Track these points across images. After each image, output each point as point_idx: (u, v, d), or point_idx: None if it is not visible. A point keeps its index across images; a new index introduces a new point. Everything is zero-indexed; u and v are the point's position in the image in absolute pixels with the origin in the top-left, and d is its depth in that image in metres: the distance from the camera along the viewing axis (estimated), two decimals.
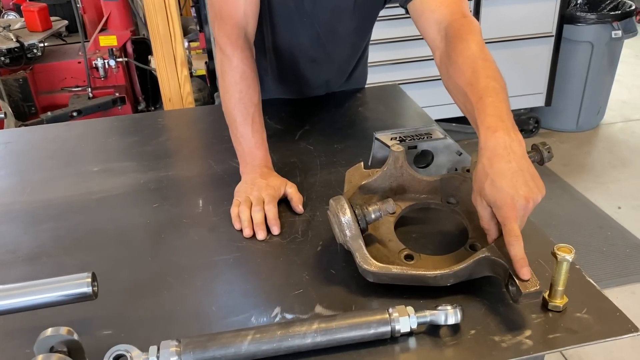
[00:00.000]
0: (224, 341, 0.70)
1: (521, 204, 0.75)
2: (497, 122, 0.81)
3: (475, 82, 0.87)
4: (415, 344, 0.73)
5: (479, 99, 0.85)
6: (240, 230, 0.96)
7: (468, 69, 0.90)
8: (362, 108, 1.46)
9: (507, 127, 0.80)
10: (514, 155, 0.78)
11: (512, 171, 0.76)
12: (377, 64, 2.81)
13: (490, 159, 0.78)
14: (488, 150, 0.79)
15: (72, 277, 0.74)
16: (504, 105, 0.84)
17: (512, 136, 0.79)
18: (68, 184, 1.15)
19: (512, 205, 0.75)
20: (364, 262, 0.79)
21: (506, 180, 0.76)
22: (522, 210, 0.76)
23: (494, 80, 0.87)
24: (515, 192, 0.75)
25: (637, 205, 2.73)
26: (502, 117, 0.81)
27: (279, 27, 1.27)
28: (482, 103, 0.84)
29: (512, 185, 0.76)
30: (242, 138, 1.08)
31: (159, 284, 0.85)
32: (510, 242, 0.74)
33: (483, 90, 0.85)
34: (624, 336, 0.72)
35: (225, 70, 1.10)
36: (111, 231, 0.99)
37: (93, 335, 0.76)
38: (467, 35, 0.95)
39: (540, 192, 0.77)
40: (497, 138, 0.79)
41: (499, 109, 0.82)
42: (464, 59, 0.92)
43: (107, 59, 3.04)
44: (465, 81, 0.89)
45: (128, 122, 1.47)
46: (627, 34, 3.17)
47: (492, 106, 0.83)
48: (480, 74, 0.88)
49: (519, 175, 0.76)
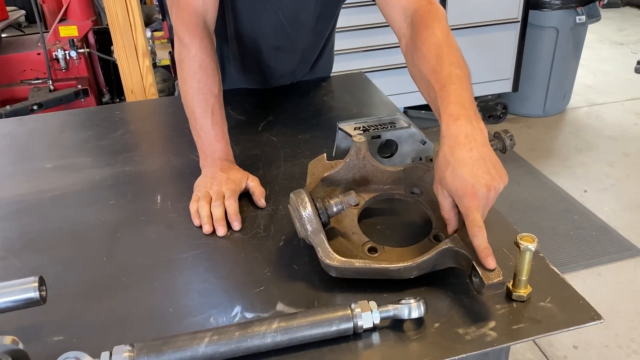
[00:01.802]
0: (180, 344, 0.67)
1: (483, 192, 0.74)
2: (459, 110, 0.79)
3: (439, 69, 0.86)
4: (379, 339, 0.71)
5: (442, 86, 0.83)
6: (199, 227, 0.93)
7: (432, 56, 0.88)
8: (327, 97, 1.43)
9: (469, 115, 0.79)
10: (475, 143, 0.76)
11: (474, 159, 0.75)
12: (343, 51, 2.78)
13: (452, 147, 0.77)
14: (449, 138, 0.77)
15: (18, 282, 0.70)
16: (467, 93, 0.82)
17: (474, 124, 0.78)
18: (19, 182, 1.10)
19: (473, 194, 0.74)
20: (326, 256, 0.77)
21: (467, 168, 0.75)
22: (484, 199, 0.74)
23: (458, 68, 0.85)
24: (476, 180, 0.74)
25: (603, 188, 2.78)
26: (464, 105, 0.80)
27: (241, 15, 1.23)
28: (445, 91, 0.82)
29: (474, 174, 0.74)
30: (202, 130, 1.04)
31: (114, 286, 0.82)
32: (474, 232, 0.73)
33: (446, 77, 0.84)
34: (588, 324, 0.72)
35: (183, 60, 1.06)
36: (64, 231, 0.95)
37: (42, 342, 0.72)
38: (432, 22, 0.93)
39: (502, 180, 0.75)
40: (458, 126, 0.77)
41: (462, 97, 0.81)
42: (428, 46, 0.90)
43: (68, 50, 2.94)
44: (429, 69, 0.87)
45: (83, 116, 1.42)
46: (591, 19, 3.21)
47: (454, 94, 0.81)
48: (444, 61, 0.86)
49: (480, 164, 0.75)
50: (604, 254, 2.33)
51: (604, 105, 3.65)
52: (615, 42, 4.74)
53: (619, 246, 2.37)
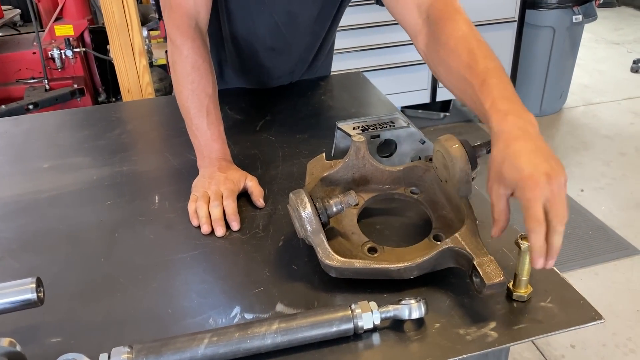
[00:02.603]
0: (179, 346, 0.66)
1: (543, 181, 0.68)
2: (507, 105, 0.76)
3: (474, 64, 0.82)
4: (379, 339, 0.71)
5: (482, 81, 0.79)
6: (198, 227, 0.93)
7: (463, 50, 0.84)
8: (325, 97, 1.43)
9: (517, 110, 0.75)
10: (529, 135, 0.73)
11: (530, 149, 0.71)
12: (340, 51, 2.77)
13: (506, 142, 0.72)
14: (503, 134, 0.73)
15: (15, 283, 0.69)
16: (509, 86, 0.79)
17: (525, 117, 0.74)
18: (16, 182, 1.09)
19: (534, 184, 0.68)
20: (326, 257, 0.76)
21: (524, 158, 0.70)
22: (545, 189, 0.68)
23: (492, 61, 0.82)
24: (535, 169, 0.69)
25: (599, 187, 2.79)
26: (510, 99, 0.77)
27: (235, 16, 1.23)
28: (487, 86, 0.78)
29: (532, 163, 0.69)
30: (198, 130, 1.04)
31: (112, 286, 0.81)
32: (532, 228, 0.68)
33: (484, 72, 0.80)
34: (588, 324, 0.72)
35: (176, 62, 1.05)
36: (61, 231, 0.94)
37: (40, 344, 0.72)
38: (454, 15, 0.90)
39: (562, 171, 0.70)
40: (509, 121, 0.74)
41: (506, 91, 0.78)
42: (456, 40, 0.86)
43: (64, 49, 2.93)
44: (461, 64, 0.83)
45: (80, 116, 1.41)
46: (587, 18, 3.22)
47: (497, 88, 0.78)
48: (478, 55, 0.83)
49: (538, 153, 0.71)
50: (601, 253, 2.33)
51: (600, 105, 3.66)
52: (611, 42, 4.75)
53: (615, 245, 2.37)
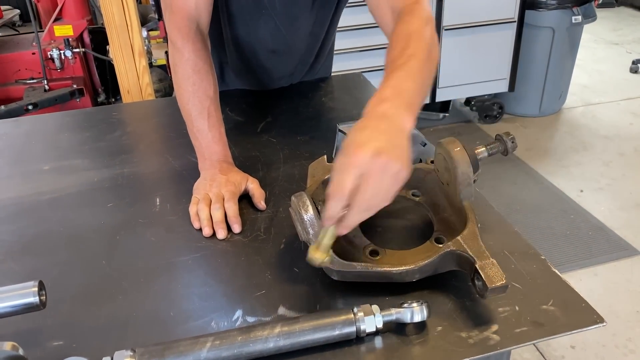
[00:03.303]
0: (181, 349, 0.66)
1: (367, 154, 0.63)
2: (391, 93, 0.71)
3: (397, 59, 0.78)
4: (382, 343, 0.71)
5: (390, 72, 0.76)
6: (199, 230, 0.93)
7: (397, 46, 0.81)
8: (326, 98, 1.43)
9: (399, 102, 0.70)
10: (389, 122, 0.67)
11: (378, 129, 0.66)
12: (341, 51, 2.78)
13: (364, 120, 0.68)
14: (367, 114, 0.69)
15: (17, 286, 0.69)
16: (411, 84, 0.74)
17: (400, 111, 0.69)
18: (15, 184, 1.09)
19: (355, 152, 0.64)
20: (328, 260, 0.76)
21: (364, 132, 0.66)
22: (366, 161, 0.63)
23: (416, 59, 0.77)
24: (366, 141, 0.64)
25: (599, 188, 2.79)
26: (400, 92, 0.72)
27: (236, 19, 1.23)
28: (389, 76, 0.74)
29: (368, 135, 0.65)
30: (199, 133, 1.04)
31: (114, 290, 0.81)
32: (330, 193, 0.66)
33: (399, 66, 0.76)
34: (590, 327, 0.72)
35: (177, 64, 1.05)
36: (62, 234, 0.94)
37: (42, 347, 0.71)
38: (410, 16, 0.88)
39: (400, 160, 0.65)
40: (380, 107, 0.69)
41: (402, 85, 0.73)
42: (396, 36, 0.85)
43: (63, 50, 2.92)
44: (389, 59, 0.80)
45: (80, 117, 1.40)
46: (587, 19, 3.22)
47: (396, 79, 0.74)
48: (405, 52, 0.79)
49: (382, 134, 0.66)
50: (601, 254, 2.33)
51: (600, 105, 3.67)
52: (611, 42, 4.76)
53: (615, 246, 2.38)
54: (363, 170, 0.64)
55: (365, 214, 0.68)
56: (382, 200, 0.67)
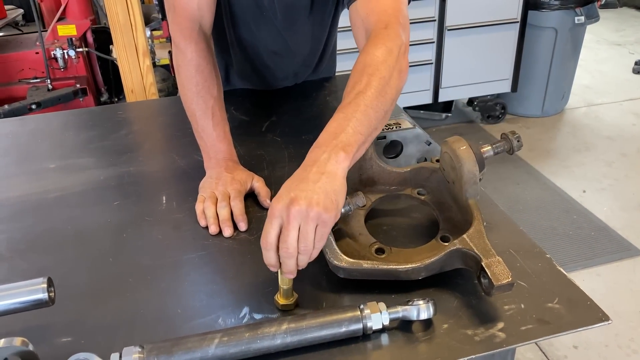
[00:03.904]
0: (189, 345, 0.67)
1: (284, 203, 0.68)
2: (327, 138, 0.74)
3: (346, 95, 0.80)
4: (388, 340, 0.71)
5: (336, 112, 0.78)
6: (205, 228, 0.93)
7: (350, 81, 0.82)
8: (330, 97, 1.43)
9: (333, 145, 0.73)
10: (317, 169, 0.71)
11: (301, 178, 0.71)
12: (344, 51, 2.77)
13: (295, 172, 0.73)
14: (303, 164, 0.74)
15: (27, 283, 0.70)
16: (350, 123, 0.75)
17: (332, 153, 0.72)
18: (22, 183, 1.09)
19: (274, 203, 0.69)
20: (334, 258, 0.77)
21: (287, 183, 0.71)
22: (281, 210, 0.68)
23: (362, 96, 0.78)
24: (286, 192, 0.69)
25: (601, 188, 2.79)
26: (336, 134, 0.74)
27: (238, 21, 1.24)
28: (331, 119, 0.78)
29: (288, 186, 0.70)
30: (204, 132, 1.04)
31: (121, 287, 0.82)
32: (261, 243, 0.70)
33: (344, 105, 0.78)
34: (596, 325, 0.72)
35: (180, 65, 1.06)
36: (69, 232, 0.95)
37: (51, 343, 0.72)
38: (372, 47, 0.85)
39: (320, 206, 0.68)
40: (313, 152, 0.74)
41: (339, 126, 0.75)
42: (354, 70, 0.84)
43: (67, 49, 2.93)
44: (344, 95, 0.82)
45: (86, 116, 1.41)
46: (590, 19, 3.22)
47: (334, 123, 0.76)
48: (355, 88, 0.80)
49: (304, 183, 0.70)
50: (603, 254, 2.33)
51: (602, 106, 3.67)
52: (613, 43, 4.76)
53: (617, 246, 2.38)
54: (281, 220, 0.69)
55: (301, 257, 0.70)
56: (310, 242, 0.69)
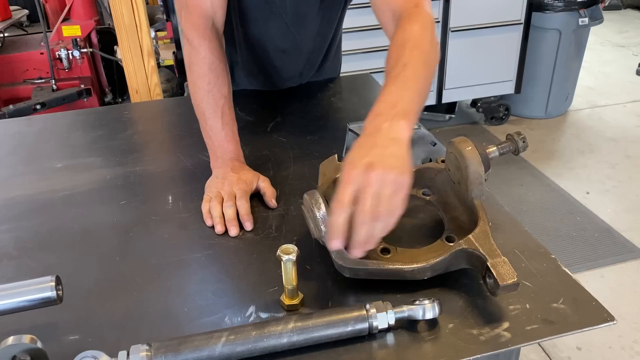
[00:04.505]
0: (196, 344, 0.67)
1: (359, 169, 0.68)
2: (384, 107, 0.76)
3: (391, 69, 0.82)
4: (394, 339, 0.71)
5: (384, 86, 0.80)
6: (211, 227, 0.94)
7: (392, 56, 0.85)
8: (335, 98, 1.44)
9: (394, 113, 0.74)
10: (383, 136, 0.72)
11: (370, 144, 0.71)
12: (349, 52, 2.78)
13: (359, 140, 0.74)
14: (364, 131, 0.74)
15: (35, 281, 0.70)
16: (406, 93, 0.78)
17: (394, 122, 0.73)
18: (30, 182, 1.10)
19: (348, 170, 0.69)
20: (340, 257, 0.77)
21: (358, 150, 0.71)
22: (359, 177, 0.68)
23: (411, 68, 0.81)
24: (359, 158, 0.69)
25: (605, 190, 2.79)
26: (394, 103, 0.76)
27: (248, 18, 1.24)
28: (383, 90, 0.79)
29: (359, 153, 0.70)
30: (212, 131, 1.05)
31: (128, 285, 0.82)
32: (333, 208, 0.70)
33: (392, 78, 0.80)
34: (601, 325, 0.72)
35: (193, 62, 1.06)
36: (76, 231, 0.95)
37: (59, 341, 0.72)
38: (407, 23, 0.90)
39: (395, 169, 0.68)
40: (374, 122, 0.74)
41: (396, 96, 0.77)
42: (393, 45, 0.87)
43: (71, 50, 2.94)
44: (386, 69, 0.84)
45: (92, 116, 1.42)
46: (594, 21, 3.22)
47: (389, 94, 0.78)
48: (399, 62, 0.82)
49: (373, 148, 0.70)
50: (607, 256, 2.33)
51: (606, 107, 3.66)
52: (617, 44, 4.75)
53: (621, 248, 2.38)
54: (358, 186, 0.68)
55: (378, 225, 0.70)
56: (388, 208, 0.69)
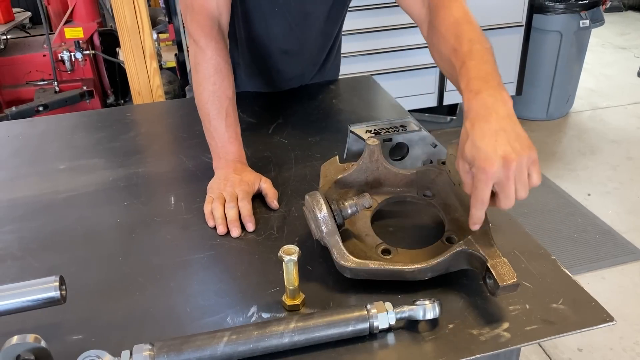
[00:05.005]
0: (199, 343, 0.68)
1: (498, 164, 0.70)
2: (479, 84, 0.78)
3: (459, 47, 0.85)
4: (394, 339, 0.72)
5: (462, 64, 0.82)
6: (213, 228, 0.94)
7: (451, 35, 0.88)
8: (336, 100, 1.44)
9: (491, 87, 0.77)
10: (496, 115, 0.74)
11: (493, 130, 0.72)
12: (350, 54, 2.79)
13: (472, 121, 0.75)
14: (470, 112, 0.76)
15: (39, 281, 0.71)
16: (488, 66, 0.81)
17: (497, 96, 0.76)
18: (33, 183, 1.11)
19: (486, 167, 0.71)
20: (341, 258, 0.78)
21: (486, 139, 0.72)
22: (499, 172, 0.71)
23: (478, 43, 0.85)
24: (493, 151, 0.71)
25: (606, 192, 2.79)
26: (485, 78, 0.78)
27: (251, 18, 1.25)
28: (465, 67, 0.81)
29: (491, 145, 0.71)
30: (216, 132, 1.05)
31: (131, 285, 0.83)
32: (474, 204, 0.74)
33: (466, 54, 0.83)
34: (600, 326, 0.73)
35: (199, 63, 1.07)
36: (79, 231, 0.96)
37: (62, 341, 0.73)
38: (449, 2, 0.94)
39: (525, 151, 0.72)
40: (478, 100, 0.76)
41: (482, 71, 0.80)
42: (446, 25, 0.90)
43: (74, 52, 2.96)
44: (449, 48, 0.87)
45: (95, 118, 1.42)
46: (595, 23, 3.23)
47: (474, 69, 0.80)
48: (463, 38, 0.86)
49: (500, 135, 0.72)
50: (608, 257, 2.33)
51: (607, 109, 3.67)
52: (618, 46, 4.76)
53: (622, 249, 2.38)
54: (497, 179, 0.72)
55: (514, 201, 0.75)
56: (526, 187, 0.74)
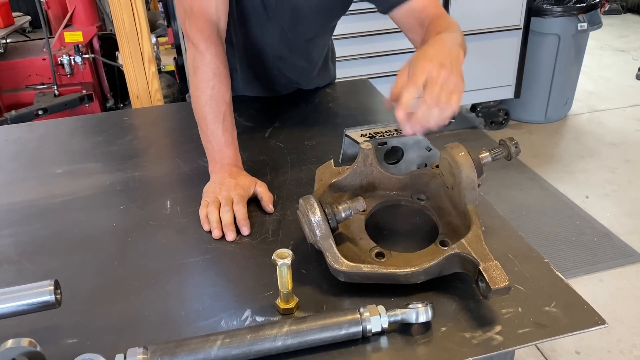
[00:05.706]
0: (192, 347, 0.68)
1: (434, 65, 0.82)
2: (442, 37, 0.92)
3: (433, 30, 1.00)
4: (387, 343, 0.72)
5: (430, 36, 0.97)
6: (209, 232, 0.95)
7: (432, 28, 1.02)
8: (333, 104, 1.45)
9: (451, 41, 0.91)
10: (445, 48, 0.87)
11: (443, 54, 0.85)
12: (346, 58, 2.80)
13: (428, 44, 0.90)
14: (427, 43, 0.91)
15: (34, 285, 0.71)
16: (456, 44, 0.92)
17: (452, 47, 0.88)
18: (30, 187, 1.12)
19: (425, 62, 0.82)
20: (335, 261, 0.78)
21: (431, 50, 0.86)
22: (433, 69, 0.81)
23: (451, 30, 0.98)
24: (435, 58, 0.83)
25: (604, 194, 2.80)
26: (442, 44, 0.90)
27: (246, 24, 1.26)
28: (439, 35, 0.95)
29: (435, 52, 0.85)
30: (212, 136, 1.06)
31: (126, 289, 0.83)
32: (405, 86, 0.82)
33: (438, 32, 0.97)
34: (592, 329, 0.73)
35: (198, 67, 1.08)
36: (75, 235, 0.96)
37: (57, 344, 0.74)
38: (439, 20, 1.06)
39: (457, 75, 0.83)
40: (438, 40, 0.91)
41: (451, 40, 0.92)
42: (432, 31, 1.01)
43: (73, 56, 2.96)
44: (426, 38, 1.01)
45: (93, 122, 1.43)
46: (592, 26, 3.23)
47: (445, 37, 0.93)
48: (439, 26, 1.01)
49: (445, 55, 0.84)
50: (606, 260, 2.34)
51: (606, 112, 3.67)
52: (616, 49, 4.76)
53: (620, 252, 2.38)
54: (431, 76, 0.82)
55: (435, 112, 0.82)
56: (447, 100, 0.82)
